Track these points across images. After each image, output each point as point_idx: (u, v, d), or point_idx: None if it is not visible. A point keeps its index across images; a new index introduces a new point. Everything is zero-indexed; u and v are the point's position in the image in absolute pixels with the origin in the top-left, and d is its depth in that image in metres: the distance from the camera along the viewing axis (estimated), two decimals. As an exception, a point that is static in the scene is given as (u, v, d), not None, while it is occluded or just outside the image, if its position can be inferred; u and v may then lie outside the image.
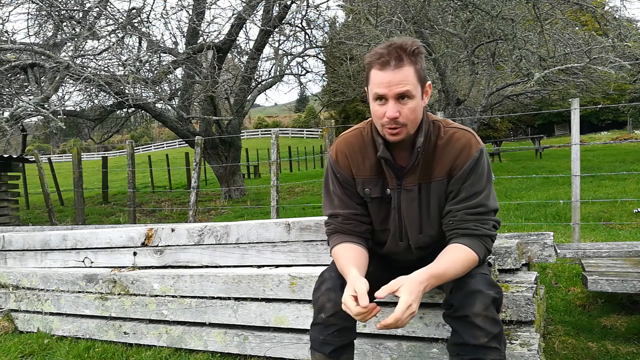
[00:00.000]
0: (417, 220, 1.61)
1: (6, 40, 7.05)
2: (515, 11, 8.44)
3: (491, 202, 1.54)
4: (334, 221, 1.67)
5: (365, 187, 1.63)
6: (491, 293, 1.43)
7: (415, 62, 1.44)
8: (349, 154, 1.64)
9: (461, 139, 1.55)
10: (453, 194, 1.55)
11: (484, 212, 1.53)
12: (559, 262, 3.47)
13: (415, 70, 1.44)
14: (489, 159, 1.61)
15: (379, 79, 1.44)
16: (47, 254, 3.14)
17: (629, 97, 20.82)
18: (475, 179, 1.52)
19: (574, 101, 4.54)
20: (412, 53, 1.43)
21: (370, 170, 1.61)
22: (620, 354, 2.21)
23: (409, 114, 1.46)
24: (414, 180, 1.57)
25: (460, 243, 1.50)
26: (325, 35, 12.82)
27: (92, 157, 40.06)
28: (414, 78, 1.44)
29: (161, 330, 2.50)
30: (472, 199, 1.52)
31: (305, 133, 42.70)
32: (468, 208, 1.52)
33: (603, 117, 34.34)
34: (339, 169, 1.65)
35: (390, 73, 1.42)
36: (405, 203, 1.60)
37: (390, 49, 1.42)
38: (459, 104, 11.78)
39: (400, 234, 1.65)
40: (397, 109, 1.44)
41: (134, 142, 7.61)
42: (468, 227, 1.52)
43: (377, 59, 1.43)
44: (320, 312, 1.54)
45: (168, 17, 10.71)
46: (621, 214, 5.92)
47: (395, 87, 1.42)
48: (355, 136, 1.65)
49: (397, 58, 1.41)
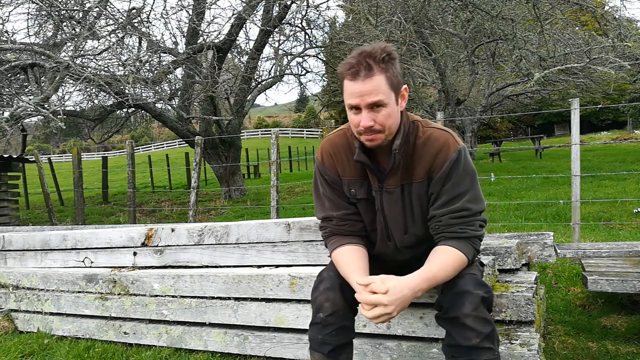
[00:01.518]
0: (401, 221, 1.61)
1: (6, 40, 7.05)
2: (515, 11, 8.44)
3: (476, 204, 1.53)
4: (329, 224, 1.66)
5: (351, 188, 1.63)
6: (480, 293, 1.43)
7: (385, 70, 1.43)
8: (334, 155, 1.64)
9: (439, 139, 1.53)
10: (434, 197, 1.54)
11: (469, 215, 1.52)
12: (559, 262, 3.47)
13: (386, 78, 1.42)
14: (470, 158, 1.59)
15: (350, 90, 1.44)
16: (47, 254, 3.14)
17: (629, 97, 20.82)
18: (457, 181, 1.51)
19: (574, 101, 4.54)
20: (382, 60, 1.42)
21: (354, 171, 1.62)
22: (620, 354, 2.21)
23: (384, 120, 1.45)
24: (396, 182, 1.57)
25: (448, 245, 1.50)
26: (325, 35, 12.82)
27: (92, 157, 40.08)
28: (386, 86, 1.43)
29: (161, 330, 2.50)
30: (455, 202, 1.51)
31: (305, 133, 42.72)
32: (452, 212, 1.51)
33: (603, 117, 34.36)
34: (325, 169, 1.65)
35: (361, 83, 1.41)
36: (388, 205, 1.59)
37: (360, 58, 1.42)
38: (459, 104, 11.78)
39: (387, 234, 1.65)
40: (371, 117, 1.44)
41: (134, 142, 7.61)
42: (454, 230, 1.51)
43: (348, 69, 1.43)
44: (319, 312, 1.54)
45: (168, 17, 10.72)
46: (621, 214, 5.92)
47: (367, 97, 1.41)
48: (339, 136, 1.65)
49: (367, 67, 1.41)
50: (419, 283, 1.41)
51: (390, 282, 1.38)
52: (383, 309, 1.35)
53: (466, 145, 1.62)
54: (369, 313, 1.37)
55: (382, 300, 1.35)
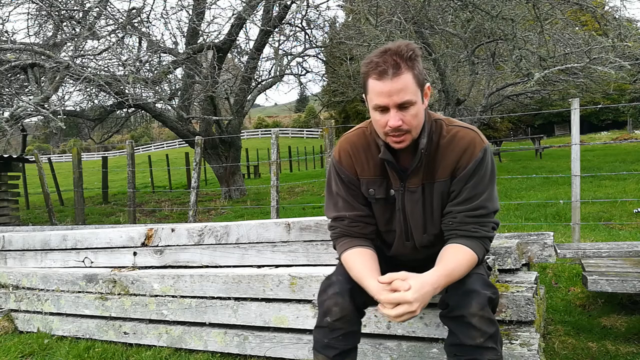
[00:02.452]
0: (421, 220, 1.59)
1: (6, 40, 7.05)
2: (515, 11, 8.43)
3: (492, 203, 1.52)
4: (340, 224, 1.63)
5: (370, 188, 1.60)
6: (487, 293, 1.42)
7: (413, 67, 1.39)
8: (352, 154, 1.61)
9: (465, 137, 1.51)
10: (455, 194, 1.53)
11: (484, 215, 1.51)
12: (559, 262, 3.47)
13: (413, 76, 1.39)
14: (494, 158, 1.58)
15: (378, 89, 1.39)
16: (47, 254, 3.14)
17: (629, 97, 20.81)
18: (478, 180, 1.50)
19: (574, 101, 4.54)
20: (410, 58, 1.38)
21: (374, 170, 1.59)
22: (620, 354, 2.21)
23: (412, 120, 1.42)
24: (418, 182, 1.55)
25: (460, 244, 1.49)
26: (325, 35, 12.84)
27: (92, 157, 40.06)
28: (414, 84, 1.40)
29: (161, 330, 2.50)
30: (473, 201, 1.50)
31: (305, 133, 42.70)
32: (469, 210, 1.50)
33: (603, 117, 34.34)
34: (343, 169, 1.62)
35: (389, 83, 1.37)
36: (410, 204, 1.57)
37: (386, 56, 1.38)
38: (459, 104, 11.77)
39: (407, 235, 1.63)
40: (399, 117, 1.41)
41: (134, 142, 7.61)
42: (467, 229, 1.51)
43: (374, 68, 1.39)
44: (326, 316, 1.52)
45: (168, 17, 10.73)
46: (621, 214, 5.92)
47: (395, 96, 1.38)
48: (358, 136, 1.62)
49: (395, 66, 1.37)
50: (438, 279, 1.39)
51: (412, 280, 1.36)
52: (407, 307, 1.32)
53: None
54: (392, 312, 1.34)
55: (407, 298, 1.32)
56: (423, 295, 1.35)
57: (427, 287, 1.36)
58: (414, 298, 1.32)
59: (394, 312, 1.34)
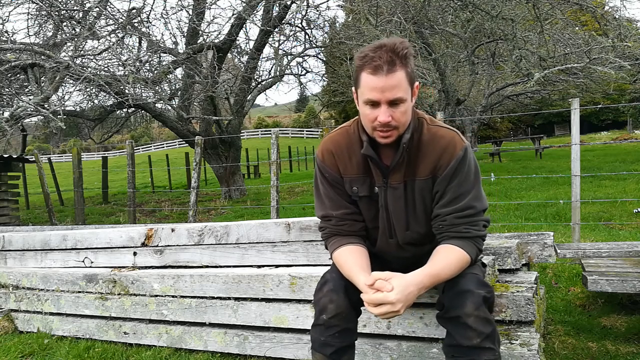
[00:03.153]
0: (403, 217, 1.60)
1: (6, 40, 7.05)
2: (515, 11, 8.44)
3: (480, 202, 1.53)
4: (328, 224, 1.65)
5: (353, 186, 1.62)
6: (482, 292, 1.43)
7: (406, 65, 1.41)
8: (335, 153, 1.62)
9: (445, 137, 1.53)
10: (439, 195, 1.54)
11: (473, 214, 1.51)
12: (559, 262, 3.47)
13: (406, 74, 1.41)
14: (475, 157, 1.58)
15: (371, 84, 1.40)
16: (47, 254, 3.14)
17: (629, 97, 20.82)
18: (462, 179, 1.50)
19: (574, 101, 4.54)
20: (404, 56, 1.40)
21: (357, 168, 1.60)
22: (620, 354, 2.21)
23: (401, 117, 1.44)
24: (400, 178, 1.56)
25: (452, 244, 1.50)
26: (325, 35, 12.83)
27: (92, 157, 40.07)
28: (406, 82, 1.41)
29: (161, 330, 2.50)
30: (459, 201, 1.51)
31: (305, 133, 42.72)
32: (457, 211, 1.51)
33: (603, 117, 34.35)
34: (326, 168, 1.64)
35: (383, 78, 1.38)
36: (392, 201, 1.59)
37: (382, 52, 1.39)
38: (459, 104, 11.77)
39: (390, 231, 1.64)
40: (390, 113, 1.42)
41: (134, 142, 7.61)
42: (459, 230, 1.51)
43: (369, 62, 1.39)
44: (322, 314, 1.53)
45: (168, 17, 10.72)
46: (621, 214, 5.92)
47: (388, 92, 1.39)
48: (341, 134, 1.64)
49: (390, 62, 1.38)
50: (423, 280, 1.41)
51: (395, 280, 1.38)
52: (390, 307, 1.35)
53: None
54: (375, 310, 1.37)
55: (389, 299, 1.35)
56: (406, 296, 1.36)
57: (411, 288, 1.38)
58: (397, 299, 1.35)
59: (377, 311, 1.37)
